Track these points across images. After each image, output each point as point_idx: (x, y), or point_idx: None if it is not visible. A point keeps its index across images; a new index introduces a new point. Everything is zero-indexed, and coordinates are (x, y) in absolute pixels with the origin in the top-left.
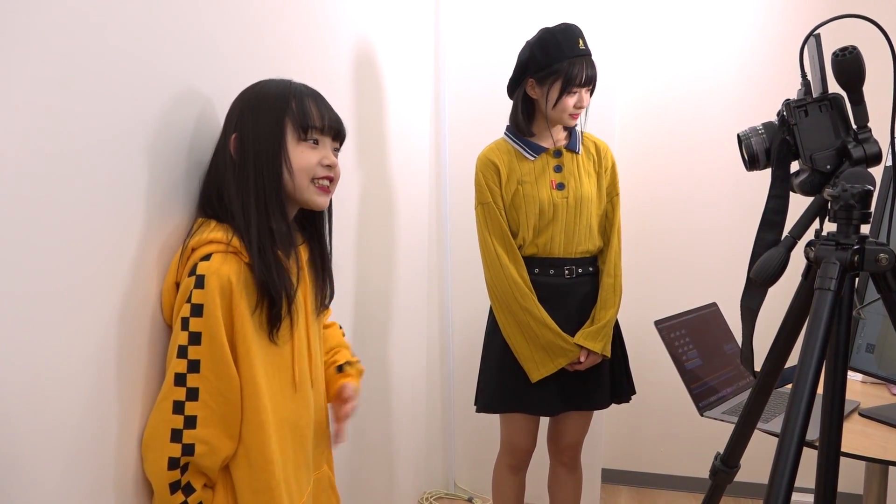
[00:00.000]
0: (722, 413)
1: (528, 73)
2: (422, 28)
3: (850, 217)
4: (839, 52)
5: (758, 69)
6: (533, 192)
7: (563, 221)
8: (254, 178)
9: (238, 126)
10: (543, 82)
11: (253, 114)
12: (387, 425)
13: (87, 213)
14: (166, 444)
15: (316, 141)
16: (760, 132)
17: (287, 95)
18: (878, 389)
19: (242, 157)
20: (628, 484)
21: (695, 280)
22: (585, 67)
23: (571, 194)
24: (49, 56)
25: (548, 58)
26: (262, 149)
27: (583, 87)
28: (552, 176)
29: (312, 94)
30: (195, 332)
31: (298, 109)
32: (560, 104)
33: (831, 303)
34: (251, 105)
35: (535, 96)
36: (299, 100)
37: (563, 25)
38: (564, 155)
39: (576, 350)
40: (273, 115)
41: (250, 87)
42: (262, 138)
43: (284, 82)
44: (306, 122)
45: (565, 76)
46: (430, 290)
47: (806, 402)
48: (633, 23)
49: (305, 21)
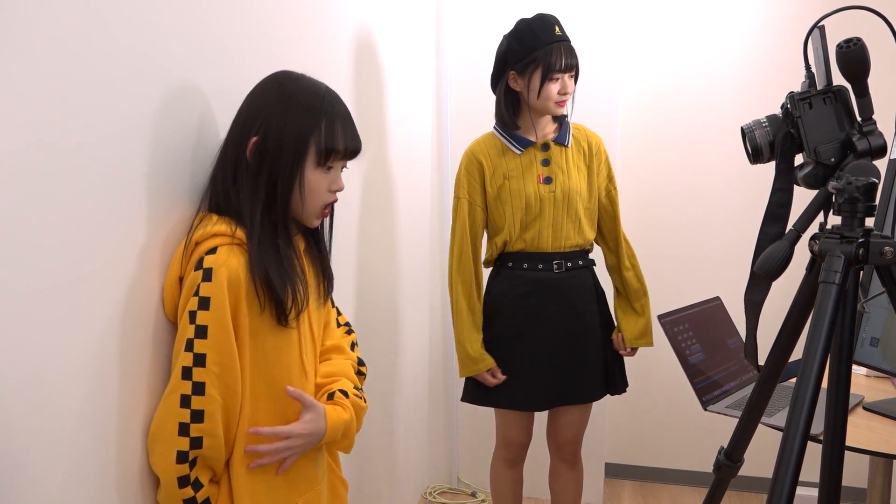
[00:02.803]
0: (725, 407)
1: (508, 65)
2: (424, 19)
3: (854, 210)
4: (843, 43)
5: (761, 61)
6: (519, 186)
7: (550, 216)
8: (264, 191)
9: (260, 130)
10: (524, 72)
11: (278, 122)
12: (390, 420)
13: (89, 208)
14: (175, 438)
15: (331, 165)
16: (764, 125)
17: (318, 114)
18: (882, 383)
19: (259, 165)
20: (632, 478)
21: (698, 274)
22: (564, 53)
23: (559, 188)
24: (51, 52)
25: (525, 47)
26: (281, 165)
27: (564, 73)
28: (539, 170)
29: (342, 114)
30: (202, 325)
31: (327, 133)
32: (543, 92)
33: (836, 296)
34: (279, 112)
35: (518, 88)
36: (329, 121)
37: (539, 15)
38: (553, 148)
39: (485, 366)
40: (299, 133)
41: (278, 81)
42: (284, 154)
43: (317, 92)
44: (330, 149)
45: (545, 63)
46: (433, 283)
47: (810, 396)
48: (636, 16)
49: (308, 13)
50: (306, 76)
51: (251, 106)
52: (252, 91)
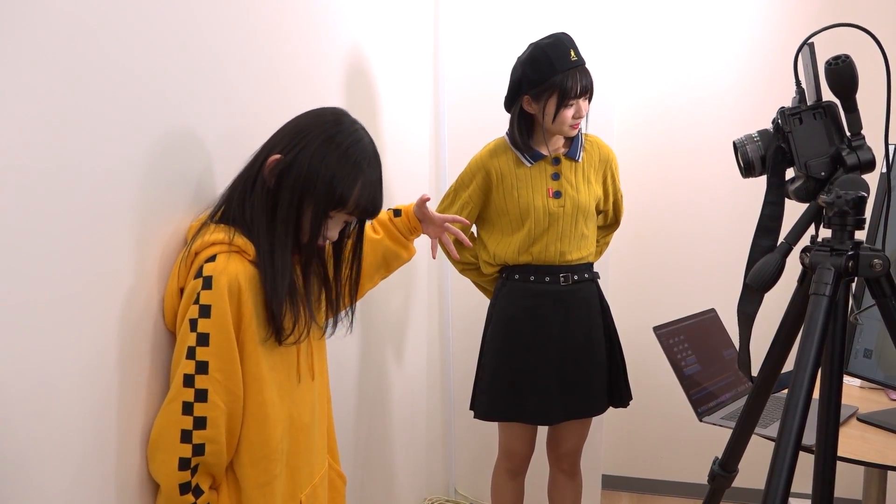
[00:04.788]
0: (721, 418)
1: (523, 91)
2: (421, 33)
3: (844, 223)
4: (832, 60)
5: (754, 77)
6: (528, 198)
7: (558, 230)
8: (282, 221)
9: (290, 153)
10: (539, 98)
11: (316, 158)
12: (387, 431)
13: (88, 218)
14: (177, 445)
15: (332, 216)
16: (756, 139)
17: (357, 174)
18: (876, 394)
19: (281, 191)
20: (628, 490)
21: (693, 286)
22: (580, 78)
23: (569, 202)
24: (51, 61)
25: (540, 74)
26: (315, 201)
27: (579, 98)
28: (549, 184)
29: (376, 179)
30: (203, 332)
31: (357, 196)
32: (559, 118)
33: (826, 308)
34: (319, 154)
35: (533, 111)
36: (363, 185)
37: (552, 39)
38: (563, 163)
39: None
40: (332, 179)
41: (335, 119)
42: (318, 192)
43: (359, 145)
44: (349, 209)
45: (561, 90)
46: (430, 295)
47: (802, 407)
48: (631, 30)
49: (303, 28)
50: (357, 123)
51: (291, 133)
52: (304, 115)
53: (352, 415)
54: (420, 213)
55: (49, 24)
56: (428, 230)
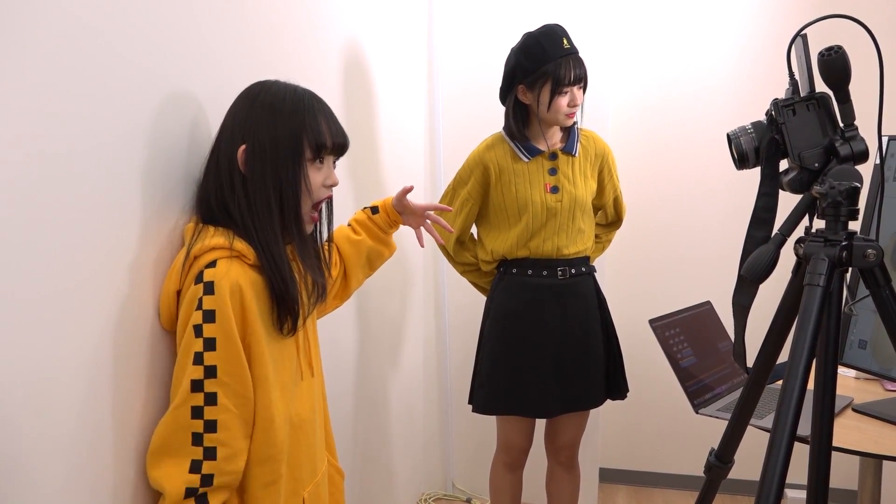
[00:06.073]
0: (717, 410)
1: (517, 80)
2: (415, 28)
3: (837, 214)
4: (825, 51)
5: (748, 69)
6: (525, 193)
7: (556, 225)
8: (276, 198)
9: (250, 138)
10: (533, 86)
11: (268, 129)
12: (385, 426)
13: (84, 216)
14: (187, 448)
15: (322, 160)
16: (749, 131)
17: (302, 112)
18: (871, 385)
19: (256, 173)
20: (626, 483)
21: (689, 278)
22: (573, 66)
23: (566, 197)
24: (44, 60)
25: (533, 62)
26: (283, 169)
27: (573, 86)
28: (546, 179)
29: (323, 109)
30: (210, 337)
31: (313, 129)
32: (553, 106)
33: (820, 298)
34: (264, 119)
35: (528, 101)
36: (313, 117)
37: (545, 28)
38: (560, 157)
39: None
40: (291, 135)
41: (254, 93)
42: (282, 157)
43: (295, 94)
44: (321, 144)
45: (554, 77)
46: (427, 291)
47: (796, 398)
48: (625, 22)
49: (298, 22)
50: (281, 81)
51: (235, 117)
52: (233, 104)
53: (350, 410)
54: (400, 205)
55: (49, 24)
56: (409, 221)
